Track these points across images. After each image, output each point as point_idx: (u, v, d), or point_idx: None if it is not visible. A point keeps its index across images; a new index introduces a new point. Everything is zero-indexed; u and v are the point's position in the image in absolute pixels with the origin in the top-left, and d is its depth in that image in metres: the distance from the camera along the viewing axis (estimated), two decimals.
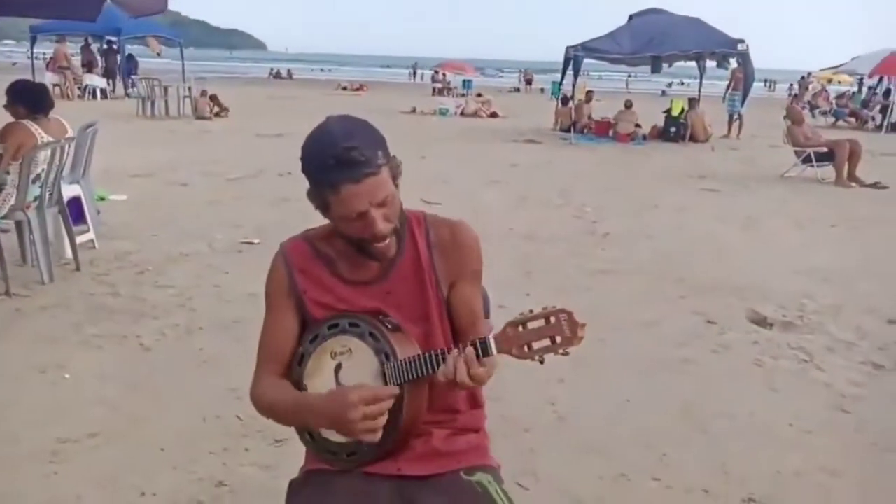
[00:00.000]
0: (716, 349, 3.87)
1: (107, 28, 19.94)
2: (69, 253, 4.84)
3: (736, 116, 15.53)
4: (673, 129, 14.56)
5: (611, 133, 14.78)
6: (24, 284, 4.41)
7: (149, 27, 21.62)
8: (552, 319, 1.27)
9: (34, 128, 4.29)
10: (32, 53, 20.82)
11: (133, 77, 17.05)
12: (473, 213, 6.97)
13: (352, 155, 1.29)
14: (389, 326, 1.43)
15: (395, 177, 1.41)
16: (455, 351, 1.31)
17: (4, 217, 4.38)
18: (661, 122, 15.00)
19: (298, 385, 1.46)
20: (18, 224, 4.61)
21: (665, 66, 15.34)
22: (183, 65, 21.17)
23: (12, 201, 4.30)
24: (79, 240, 4.99)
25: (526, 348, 1.29)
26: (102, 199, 6.79)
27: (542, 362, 1.30)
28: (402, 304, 1.48)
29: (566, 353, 1.28)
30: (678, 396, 3.29)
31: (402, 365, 1.36)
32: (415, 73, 49.65)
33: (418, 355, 1.36)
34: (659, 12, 14.95)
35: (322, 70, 63.84)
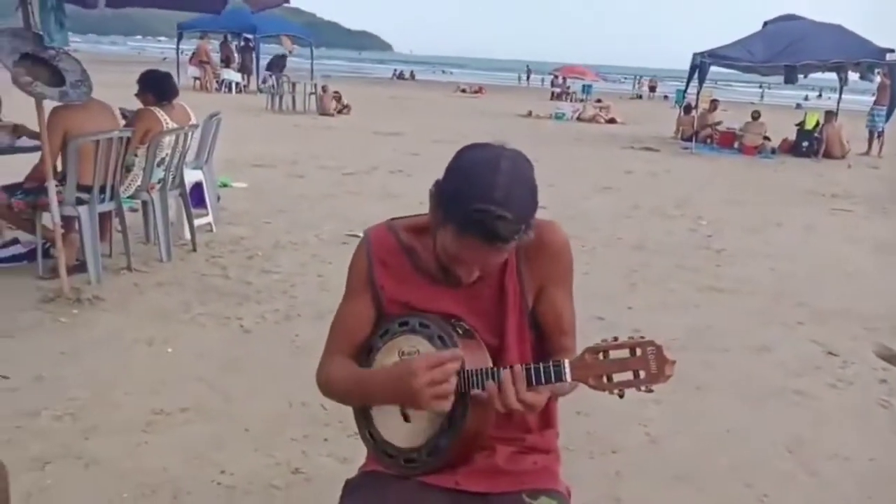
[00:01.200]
0: (835, 384, 3.51)
1: (244, 26, 21.14)
2: (188, 234, 5.12)
3: (878, 133, 14.27)
4: (805, 144, 13.59)
5: (736, 145, 13.99)
6: (144, 261, 4.69)
7: (283, 26, 22.79)
8: (638, 351, 1.16)
9: (160, 114, 4.56)
10: (178, 48, 22.42)
11: (271, 74, 17.83)
12: (580, 220, 6.78)
13: (497, 225, 1.17)
14: (460, 332, 1.35)
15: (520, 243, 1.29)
16: (509, 371, 1.23)
17: (131, 197, 4.69)
18: (792, 135, 14.04)
19: None
20: (143, 204, 4.92)
21: (801, 76, 14.35)
22: (312, 63, 22.10)
23: (138, 182, 4.58)
24: (198, 223, 5.27)
25: (605, 379, 1.18)
26: (225, 185, 7.16)
27: (621, 397, 1.19)
28: (482, 312, 1.40)
29: (650, 391, 1.16)
30: (787, 432, 3.00)
31: (468, 375, 1.28)
32: (528, 77, 49.66)
33: (484, 368, 1.28)
34: (796, 18, 13.99)
35: (443, 72, 64.84)
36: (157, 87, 4.68)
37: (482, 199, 1.17)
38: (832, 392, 3.43)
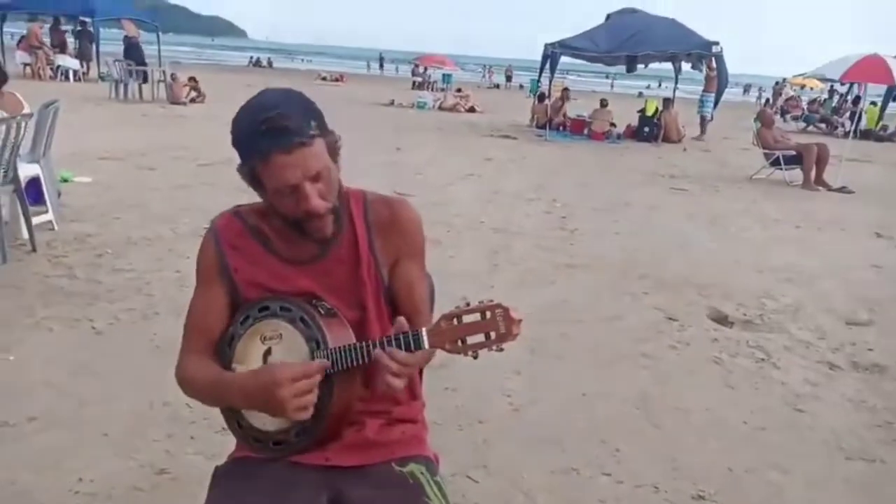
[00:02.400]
0: (675, 345, 3.88)
1: (80, 9, 19.54)
2: (25, 234, 4.71)
3: (708, 119, 15.67)
4: (647, 129, 14.66)
5: (586, 131, 14.83)
6: None
7: (123, 9, 21.23)
8: (487, 314, 1.23)
9: None
10: (1, 32, 20.34)
11: (127, 63, 16.50)
12: (445, 205, 6.95)
13: (282, 123, 1.24)
14: (322, 311, 1.37)
15: (333, 152, 1.35)
16: (379, 345, 1.28)
17: None
18: (635, 121, 15.09)
19: (227, 368, 1.40)
20: None
21: (641, 66, 15.44)
22: (159, 49, 20.80)
23: None
24: (36, 221, 4.86)
25: (459, 343, 1.25)
26: (66, 180, 6.64)
27: (475, 357, 1.26)
28: (339, 287, 1.43)
29: (500, 350, 1.25)
30: (634, 391, 3.29)
31: (332, 353, 1.32)
32: (381, 65, 50.33)
33: (350, 345, 1.32)
34: (635, 12, 15.02)
35: (302, 60, 63.33)
36: None
37: (258, 114, 1.25)
38: (672, 353, 3.78)
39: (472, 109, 19.68)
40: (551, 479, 2.56)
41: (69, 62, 19.91)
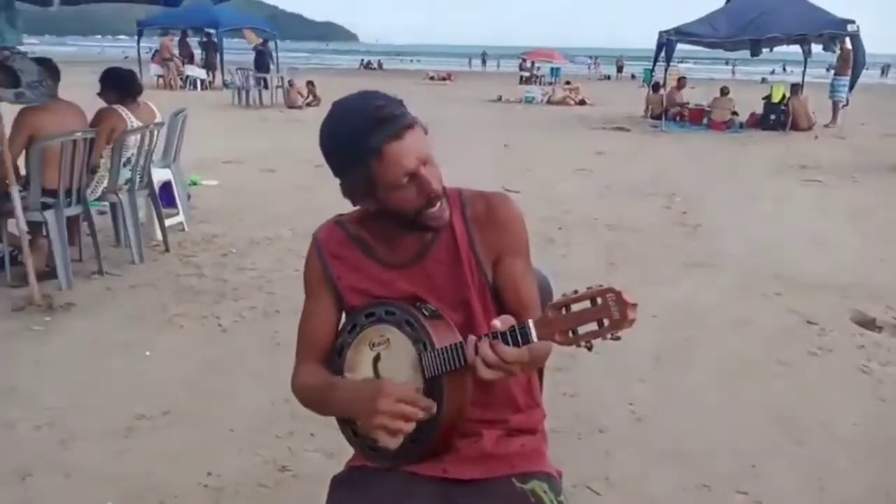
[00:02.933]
0: (815, 352, 3.56)
1: (205, 21, 20.78)
2: (159, 235, 5.02)
3: (843, 104, 14.45)
4: (773, 117, 13.71)
5: (705, 121, 14.10)
6: (116, 264, 4.59)
7: (245, 20, 22.42)
8: (598, 300, 1.12)
9: (125, 112, 4.45)
10: (139, 46, 21.98)
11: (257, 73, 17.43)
12: (555, 202, 6.79)
13: (386, 111, 1.22)
14: (427, 313, 1.32)
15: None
16: (482, 338, 1.19)
17: (98, 199, 4.57)
18: (760, 109, 14.18)
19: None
20: (112, 206, 4.80)
21: (766, 50, 14.48)
22: (277, 56, 21.76)
23: (105, 184, 4.47)
24: (169, 222, 5.17)
25: (570, 333, 1.15)
26: (195, 183, 7.04)
27: (589, 349, 1.15)
28: (441, 288, 1.38)
29: (616, 338, 1.12)
30: (771, 402, 3.04)
31: (439, 354, 1.26)
32: (484, 62, 50.14)
33: (455, 343, 1.25)
34: None
35: (411, 60, 64.42)
36: (119, 84, 4.57)
37: (359, 114, 1.23)
38: (813, 361, 3.47)
39: (582, 102, 19.25)
40: (680, 495, 2.40)
41: (196, 72, 21.27)
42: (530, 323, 1.17)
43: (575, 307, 1.14)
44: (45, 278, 4.11)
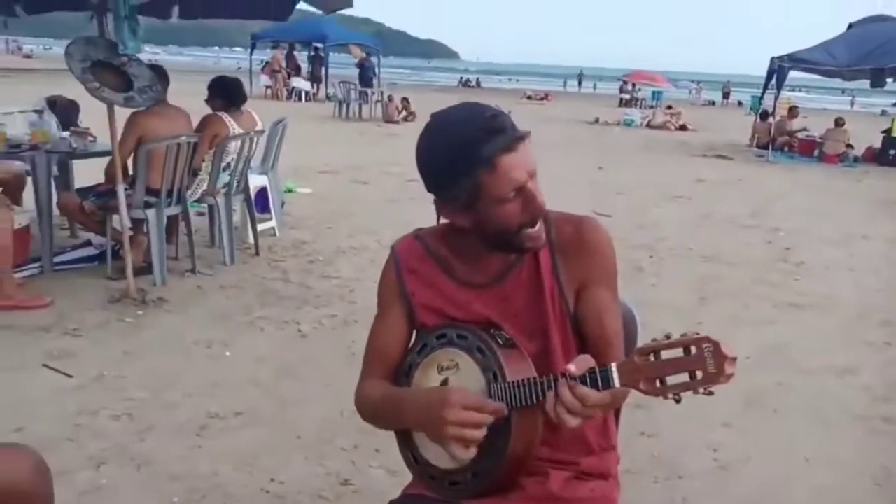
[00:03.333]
0: None
1: (314, 35, 21.63)
2: (251, 238, 5.18)
3: None
4: (892, 152, 12.81)
5: (816, 153, 13.34)
6: (208, 264, 4.76)
7: (352, 35, 23.17)
8: (693, 349, 1.02)
9: (228, 119, 4.63)
10: (251, 58, 23.12)
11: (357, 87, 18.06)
12: (649, 228, 6.56)
13: (499, 121, 1.17)
14: (501, 341, 1.25)
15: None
16: (562, 382, 1.12)
17: (198, 201, 4.77)
18: (877, 142, 13.28)
19: None
20: (209, 208, 5.00)
21: (889, 80, 13.57)
22: (379, 71, 22.34)
23: (204, 186, 4.66)
24: (261, 227, 5.33)
25: (658, 383, 1.05)
26: (290, 191, 7.26)
27: (677, 401, 1.05)
28: (518, 315, 1.31)
29: (709, 393, 1.02)
30: (874, 462, 2.76)
31: (510, 388, 1.19)
32: (580, 83, 49.72)
33: (530, 379, 1.18)
34: (885, 19, 13.24)
35: (509, 80, 64.63)
36: (225, 92, 4.76)
37: (471, 124, 1.18)
38: None
39: (683, 127, 18.68)
40: None
41: (302, 84, 22.13)
42: (613, 367, 1.09)
43: (665, 354, 1.05)
44: (141, 273, 4.31)
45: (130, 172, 4.33)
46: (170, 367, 3.28)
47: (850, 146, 13.20)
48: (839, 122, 13.46)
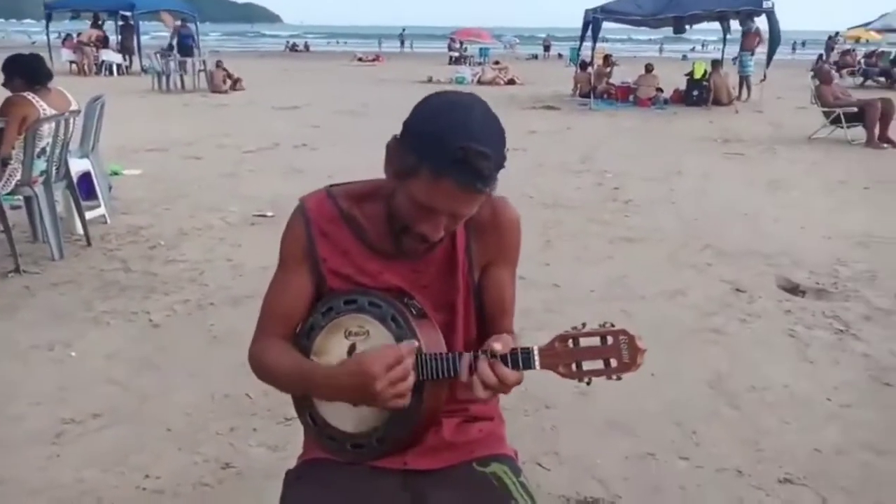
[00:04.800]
0: (745, 318, 3.69)
1: (120, 3, 19.82)
2: (80, 229, 4.76)
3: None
4: (696, 93, 14.15)
5: (631, 98, 14.42)
6: (34, 261, 4.34)
7: (162, 2, 21.46)
8: (609, 339, 1.13)
9: (35, 100, 4.17)
10: (48, 30, 20.79)
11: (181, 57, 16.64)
12: None
13: (480, 164, 1.10)
14: (414, 312, 1.27)
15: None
16: (478, 355, 1.18)
17: (11, 193, 4.30)
18: (682, 85, 14.59)
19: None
20: (27, 200, 4.52)
21: (688, 27, 14.87)
22: (197, 38, 20.99)
23: (18, 176, 4.20)
24: (90, 215, 4.92)
25: (574, 366, 1.15)
26: (116, 174, 6.72)
27: (587, 384, 1.17)
28: (430, 287, 1.33)
29: (618, 379, 1.14)
30: (707, 369, 3.13)
31: (426, 360, 1.22)
32: (402, 43, 48.65)
33: (447, 354, 1.22)
34: None
35: (337, 42, 63.25)
36: (27, 70, 4.26)
37: (465, 136, 1.10)
38: (744, 327, 3.60)
39: (511, 82, 19.36)
40: (626, 466, 2.44)
41: (112, 56, 20.26)
42: (535, 350, 1.16)
43: (583, 342, 1.14)
44: None
45: None
46: (7, 376, 2.98)
47: (659, 90, 14.38)
48: (649, 69, 14.60)
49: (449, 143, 1.10)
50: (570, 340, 1.15)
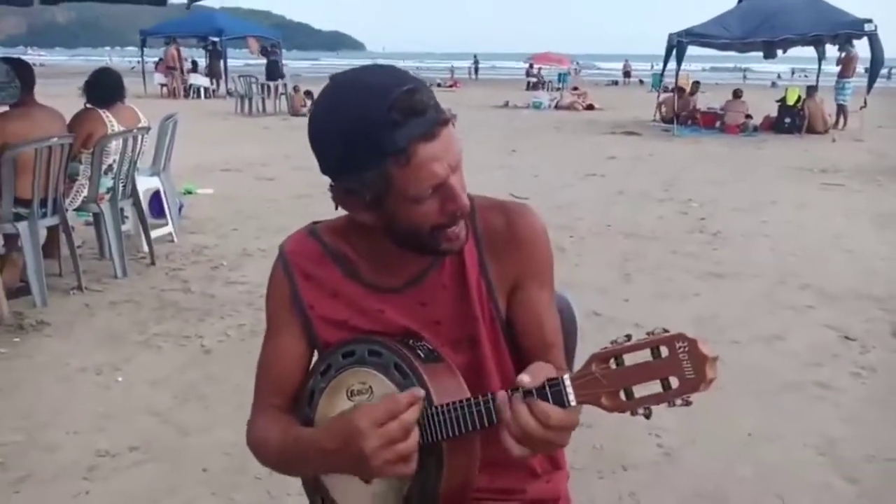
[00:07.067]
0: (858, 372, 3.21)
1: (209, 29, 20.64)
2: (146, 247, 4.72)
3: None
4: (788, 120, 13.36)
5: (718, 125, 13.76)
6: (98, 279, 4.30)
7: (249, 28, 22.25)
8: (664, 350, 0.81)
9: (105, 116, 4.15)
10: (142, 56, 21.86)
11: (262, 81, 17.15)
12: (565, 208, 6.46)
13: (419, 98, 0.89)
14: (423, 355, 1.01)
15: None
16: (505, 397, 0.88)
17: (80, 209, 4.29)
18: (773, 112, 13.83)
19: None
20: (96, 217, 4.52)
21: (780, 51, 14.14)
22: (280, 63, 21.55)
23: (85, 192, 4.19)
24: (157, 233, 4.89)
25: (623, 396, 0.84)
26: (189, 192, 6.77)
27: (647, 416, 0.84)
28: (441, 322, 1.07)
29: (688, 403, 0.81)
30: (814, 431, 2.69)
31: (440, 413, 0.94)
32: (476, 70, 47.75)
33: (464, 401, 0.94)
34: None
35: (417, 68, 64.27)
36: (100, 87, 4.28)
37: (381, 99, 0.89)
38: (856, 382, 3.12)
39: (590, 107, 18.95)
40: None
41: (200, 80, 21.08)
42: (566, 379, 0.85)
43: (629, 359, 0.83)
44: (18, 295, 3.84)
45: None
46: (50, 401, 2.86)
47: (749, 116, 13.67)
48: (737, 94, 13.93)
49: (377, 120, 0.89)
50: (613, 360, 0.84)
